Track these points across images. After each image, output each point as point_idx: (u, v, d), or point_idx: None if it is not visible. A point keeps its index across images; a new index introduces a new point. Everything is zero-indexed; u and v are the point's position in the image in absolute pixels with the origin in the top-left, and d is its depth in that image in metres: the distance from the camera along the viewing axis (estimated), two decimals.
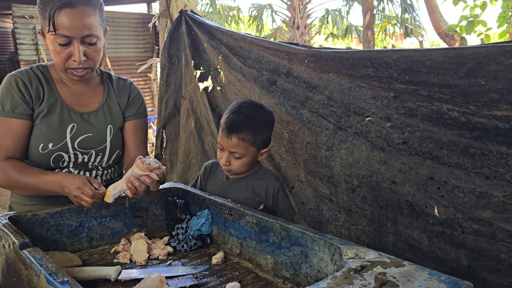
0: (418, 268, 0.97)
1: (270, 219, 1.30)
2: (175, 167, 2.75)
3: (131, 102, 1.62)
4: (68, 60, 1.37)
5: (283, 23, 14.33)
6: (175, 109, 2.71)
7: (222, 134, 1.52)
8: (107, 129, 1.54)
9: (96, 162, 1.52)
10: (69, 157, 1.47)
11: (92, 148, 1.50)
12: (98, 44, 1.39)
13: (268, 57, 2.10)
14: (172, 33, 2.58)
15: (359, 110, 1.73)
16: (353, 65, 1.61)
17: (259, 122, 1.53)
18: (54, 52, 1.36)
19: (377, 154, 1.67)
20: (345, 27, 14.37)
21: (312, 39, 15.10)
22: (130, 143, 1.60)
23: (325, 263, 1.15)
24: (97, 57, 1.41)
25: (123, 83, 1.63)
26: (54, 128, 1.44)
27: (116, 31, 8.42)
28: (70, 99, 1.50)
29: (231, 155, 1.51)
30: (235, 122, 1.49)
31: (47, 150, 1.43)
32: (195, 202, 1.57)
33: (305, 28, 13.69)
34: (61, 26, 1.30)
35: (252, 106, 1.57)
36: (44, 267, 0.96)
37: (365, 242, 1.76)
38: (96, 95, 1.56)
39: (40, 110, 1.44)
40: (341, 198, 1.83)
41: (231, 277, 1.29)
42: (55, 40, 1.33)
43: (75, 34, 1.32)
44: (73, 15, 1.31)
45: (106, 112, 1.55)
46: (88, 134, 1.49)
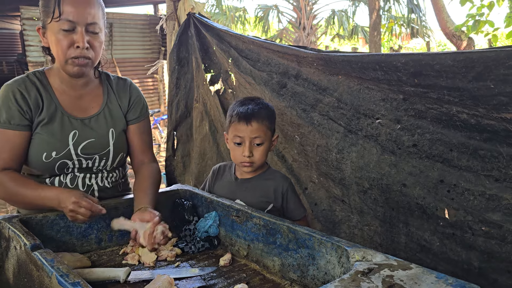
0: (426, 271, 0.98)
1: (278, 221, 1.31)
2: (187, 168, 2.77)
3: (133, 104, 1.60)
4: (70, 48, 1.35)
5: (289, 24, 14.33)
6: (186, 112, 2.72)
7: (239, 125, 1.54)
8: (109, 133, 1.52)
9: (101, 166, 1.52)
10: (73, 164, 1.47)
11: (95, 153, 1.49)
12: (101, 36, 1.40)
13: (277, 60, 2.11)
14: (181, 35, 2.59)
15: (369, 112, 1.73)
16: (362, 69, 1.62)
17: (268, 110, 1.61)
18: (56, 41, 1.34)
19: (388, 157, 1.68)
20: (351, 28, 14.35)
21: (318, 39, 15.08)
22: (136, 146, 1.60)
23: (332, 265, 1.16)
24: (99, 49, 1.41)
25: (122, 83, 1.61)
26: (56, 136, 1.43)
27: (123, 33, 8.47)
28: (70, 105, 1.48)
29: (252, 144, 1.54)
30: (251, 109, 1.54)
31: (51, 159, 1.42)
32: (202, 204, 1.58)
33: (311, 28, 13.69)
34: (67, 11, 1.31)
35: (256, 98, 1.65)
36: (55, 269, 0.97)
37: (378, 243, 1.76)
38: (95, 98, 1.54)
39: (40, 119, 1.42)
40: (353, 200, 1.84)
41: (239, 279, 1.30)
42: (59, 26, 1.33)
43: (80, 19, 1.33)
44: (79, 2, 1.34)
45: (107, 116, 1.54)
46: (90, 140, 1.48)
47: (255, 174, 1.61)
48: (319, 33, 14.86)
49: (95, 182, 1.53)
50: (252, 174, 1.61)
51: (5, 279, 1.25)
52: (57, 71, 1.46)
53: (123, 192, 1.65)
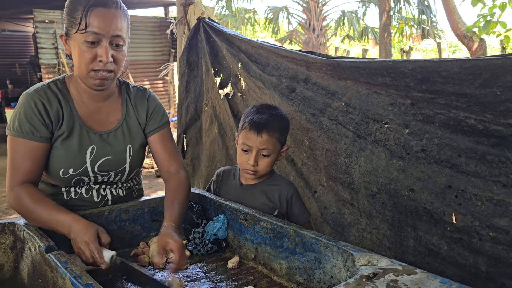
0: (431, 276, 0.99)
1: (285, 225, 1.33)
2: (197, 171, 2.80)
3: (151, 116, 1.56)
4: (94, 61, 1.33)
5: (298, 25, 14.33)
6: (195, 115, 2.75)
7: (249, 133, 1.55)
8: (126, 150, 1.50)
9: (116, 179, 1.53)
10: (89, 179, 1.47)
11: (111, 170, 1.49)
12: (124, 49, 1.38)
13: (287, 64, 2.13)
14: (191, 40, 2.63)
15: (378, 116, 1.74)
16: (370, 74, 1.63)
17: (282, 122, 1.61)
18: (80, 52, 1.32)
19: (396, 162, 1.69)
20: (361, 29, 14.31)
21: (328, 41, 15.06)
22: (160, 156, 1.56)
23: (338, 269, 1.17)
24: (122, 62, 1.39)
25: (141, 95, 1.57)
26: (74, 152, 1.41)
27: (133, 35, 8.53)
28: (88, 117, 1.46)
29: (259, 154, 1.55)
30: (263, 120, 1.55)
31: (68, 175, 1.42)
32: (211, 207, 1.61)
33: (320, 30, 13.68)
34: (93, 24, 1.29)
35: (272, 108, 1.65)
36: (69, 270, 1.01)
37: (387, 246, 1.77)
38: (114, 111, 1.51)
39: (60, 133, 1.40)
40: (362, 204, 1.85)
41: (246, 281, 1.32)
42: (84, 38, 1.30)
43: (105, 32, 1.30)
44: (106, 15, 1.31)
45: (125, 131, 1.51)
46: (107, 157, 1.46)
47: (260, 180, 1.63)
48: (329, 35, 14.85)
49: (109, 192, 1.54)
50: (256, 180, 1.63)
51: (20, 280, 1.29)
52: (77, 80, 1.44)
53: (137, 198, 1.65)
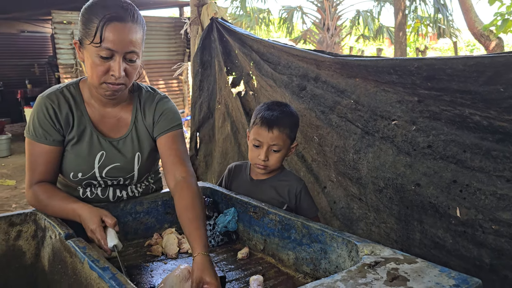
0: (431, 265, 1.03)
1: (292, 217, 1.38)
2: (210, 168, 2.86)
3: (159, 120, 1.51)
4: (106, 75, 1.32)
5: (313, 25, 14.32)
6: (208, 113, 2.82)
7: (260, 129, 1.60)
8: (135, 157, 1.50)
9: (126, 183, 1.56)
10: (99, 183, 1.50)
11: (119, 177, 1.51)
12: (137, 62, 1.36)
13: (297, 63, 2.18)
14: (204, 39, 2.69)
15: (386, 113, 1.78)
16: (378, 72, 1.67)
17: (292, 118, 1.66)
18: (92, 64, 1.30)
19: (403, 158, 1.72)
20: (376, 28, 14.22)
21: (342, 40, 15.01)
22: (167, 159, 1.48)
23: (343, 259, 1.22)
24: (134, 74, 1.38)
25: (151, 100, 1.53)
26: (83, 157, 1.44)
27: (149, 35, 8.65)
28: (100, 122, 1.48)
29: (270, 149, 1.60)
30: (274, 116, 1.60)
31: (77, 179, 1.46)
32: (222, 201, 1.67)
33: (335, 29, 13.63)
34: (107, 39, 1.26)
35: (283, 105, 1.70)
36: (87, 255, 1.07)
37: (394, 239, 1.81)
38: (125, 117, 1.51)
39: (70, 138, 1.44)
40: (370, 198, 1.89)
41: (255, 271, 1.38)
42: (97, 52, 1.28)
43: (119, 48, 1.28)
44: (122, 30, 1.27)
45: (134, 138, 1.50)
46: (116, 164, 1.48)
47: (270, 176, 1.68)
48: (343, 34, 14.80)
49: (125, 193, 1.58)
50: (267, 176, 1.68)
51: (41, 266, 1.36)
52: (90, 85, 1.44)
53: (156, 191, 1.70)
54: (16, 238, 1.35)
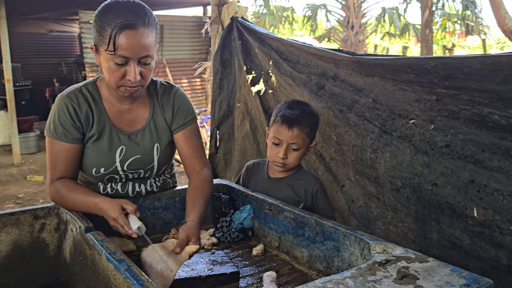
0: (442, 264, 1.03)
1: (306, 215, 1.39)
2: (229, 165, 2.90)
3: (177, 113, 1.58)
4: (123, 79, 1.36)
5: (337, 23, 14.20)
6: (228, 111, 2.85)
7: (281, 127, 1.62)
8: (154, 149, 1.55)
9: (146, 176, 1.61)
10: (120, 177, 1.55)
11: (140, 169, 1.56)
12: (152, 64, 1.39)
13: (316, 62, 2.18)
14: (224, 39, 2.72)
15: (404, 112, 1.77)
16: (395, 71, 1.66)
17: (312, 118, 1.68)
18: (109, 70, 1.35)
19: (421, 158, 1.71)
20: (402, 26, 13.99)
21: (367, 38, 14.84)
22: (185, 153, 1.59)
23: (355, 257, 1.23)
24: (150, 75, 1.42)
25: (168, 93, 1.59)
26: (104, 153, 1.49)
27: (173, 34, 8.78)
28: (118, 119, 1.52)
29: (289, 148, 1.62)
30: (295, 115, 1.62)
31: (99, 174, 1.51)
32: (239, 198, 1.69)
33: (359, 27, 13.49)
34: (121, 47, 1.29)
35: (303, 104, 1.72)
36: (105, 248, 1.12)
37: (412, 239, 1.80)
38: (142, 111, 1.56)
39: (90, 135, 1.48)
40: (387, 197, 1.89)
41: (269, 267, 1.40)
42: (112, 59, 1.32)
43: (133, 55, 1.31)
44: (134, 37, 1.30)
45: (153, 130, 1.55)
46: (136, 156, 1.53)
47: (287, 174, 1.70)
48: (368, 32, 14.62)
49: (144, 188, 1.63)
50: (284, 174, 1.70)
51: (63, 258, 1.42)
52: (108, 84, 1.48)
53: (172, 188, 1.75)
54: (40, 231, 1.41)
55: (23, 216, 1.38)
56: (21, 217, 1.38)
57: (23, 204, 5.03)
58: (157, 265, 1.20)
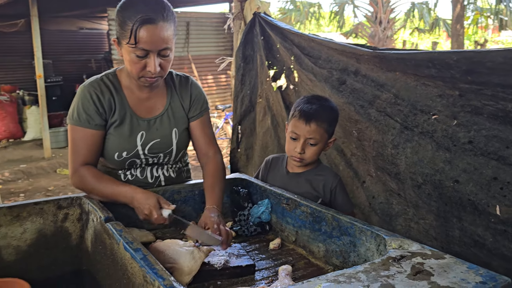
0: (459, 261, 1.01)
1: (323, 209, 1.39)
2: (251, 160, 2.91)
3: (194, 102, 1.67)
4: (143, 70, 1.44)
5: (365, 18, 14.00)
6: (250, 106, 2.86)
7: (298, 122, 1.62)
8: (172, 133, 1.63)
9: (164, 161, 1.67)
10: (141, 161, 1.62)
11: (160, 152, 1.62)
12: (171, 56, 1.47)
13: (338, 57, 2.17)
14: (247, 34, 2.73)
15: (426, 108, 1.74)
16: (416, 66, 1.63)
17: (331, 113, 1.67)
18: (130, 62, 1.43)
19: (442, 154, 1.68)
20: (432, 21, 13.67)
21: (395, 34, 14.56)
22: (199, 140, 1.68)
23: (371, 252, 1.22)
24: (169, 67, 1.50)
25: (184, 82, 1.68)
26: (126, 138, 1.56)
27: (198, 31, 8.85)
28: (138, 106, 1.59)
29: (306, 142, 1.62)
30: (313, 110, 1.61)
31: (122, 158, 1.57)
32: (257, 192, 1.70)
33: (388, 23, 13.25)
34: (142, 41, 1.37)
35: (322, 99, 1.71)
36: (123, 237, 1.15)
37: (433, 236, 1.78)
38: (160, 99, 1.63)
39: (112, 121, 1.55)
40: (409, 194, 1.86)
41: (285, 261, 1.40)
42: (133, 51, 1.40)
43: (153, 48, 1.39)
44: (154, 31, 1.37)
45: (171, 116, 1.63)
46: (156, 140, 1.60)
47: (306, 169, 1.70)
48: (396, 27, 14.35)
49: (161, 173, 1.68)
50: (303, 169, 1.70)
51: (85, 247, 1.46)
52: (128, 73, 1.56)
53: (187, 179, 1.80)
54: (63, 220, 1.46)
55: (47, 206, 1.43)
56: (45, 207, 1.43)
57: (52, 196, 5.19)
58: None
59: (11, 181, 5.89)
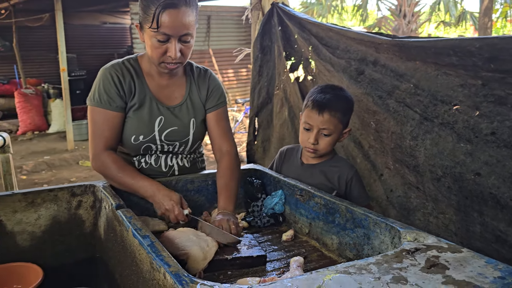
0: (477, 255, 0.97)
1: (337, 201, 1.36)
2: (267, 153, 2.89)
3: (211, 94, 1.67)
4: (164, 55, 1.45)
5: (389, 11, 13.74)
6: (267, 98, 2.84)
7: (311, 112, 1.58)
8: (190, 123, 1.63)
9: (180, 150, 1.67)
10: (157, 147, 1.61)
11: (176, 141, 1.62)
12: (192, 42, 1.47)
13: (356, 46, 2.12)
14: (265, 25, 2.70)
15: (447, 98, 1.68)
16: (437, 54, 1.57)
17: (346, 102, 1.62)
18: (152, 47, 1.44)
19: (463, 146, 1.62)
20: (459, 14, 13.31)
21: (420, 27, 14.25)
22: (215, 133, 1.67)
23: (385, 245, 1.18)
24: (189, 53, 1.50)
25: (203, 75, 1.69)
26: (145, 121, 1.56)
27: (219, 24, 8.87)
28: (158, 92, 1.59)
29: (320, 133, 1.58)
30: (326, 99, 1.57)
31: (138, 142, 1.56)
32: (271, 183, 1.68)
33: (412, 16, 12.98)
34: (164, 25, 1.38)
35: (336, 88, 1.66)
36: (132, 224, 1.14)
37: (453, 231, 1.73)
38: (179, 88, 1.64)
39: (132, 104, 1.55)
40: (427, 187, 1.81)
41: (298, 253, 1.38)
42: (155, 36, 1.41)
43: (175, 33, 1.40)
44: (176, 16, 1.38)
45: (189, 106, 1.63)
46: (174, 128, 1.59)
47: (321, 160, 1.66)
48: (421, 21, 14.04)
49: (175, 162, 1.67)
50: (318, 160, 1.66)
51: (98, 235, 1.47)
52: (149, 59, 1.57)
53: (200, 170, 1.78)
54: (77, 207, 1.47)
55: (61, 193, 1.44)
56: (59, 193, 1.44)
57: None
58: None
59: (35, 172, 6.02)
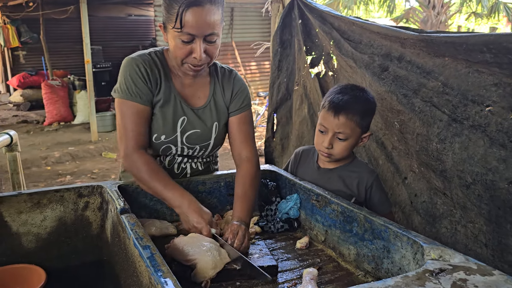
0: (510, 280, 0.86)
1: (355, 209, 1.26)
2: (286, 150, 2.80)
3: (235, 96, 1.58)
4: (188, 56, 1.37)
5: (417, 2, 13.33)
6: (287, 94, 2.74)
7: (327, 114, 1.48)
8: (213, 126, 1.54)
9: (199, 154, 1.59)
10: (176, 150, 1.53)
11: (197, 144, 1.54)
12: (217, 41, 1.38)
13: (380, 41, 2.00)
14: (285, 18, 2.60)
15: (478, 98, 1.56)
16: (468, 51, 1.45)
17: (365, 104, 1.50)
18: (175, 47, 1.36)
19: (496, 151, 1.50)
20: (492, 5, 12.81)
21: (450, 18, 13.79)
22: (236, 138, 1.57)
23: (407, 261, 1.08)
24: (215, 53, 1.41)
25: (228, 76, 1.60)
26: (168, 120, 1.47)
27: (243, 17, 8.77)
28: (182, 91, 1.51)
29: (335, 137, 1.48)
30: (343, 101, 1.46)
31: (159, 141, 1.48)
32: (286, 186, 1.59)
33: (442, 7, 12.56)
34: (188, 25, 1.30)
35: (357, 88, 1.54)
36: (133, 232, 1.08)
37: (483, 242, 1.61)
38: (203, 88, 1.55)
39: (158, 99, 1.47)
40: (455, 194, 1.69)
41: (312, 263, 1.29)
42: (179, 36, 1.33)
43: (199, 33, 1.32)
44: (200, 14, 1.30)
45: (213, 108, 1.55)
46: (196, 130, 1.51)
47: (338, 165, 1.56)
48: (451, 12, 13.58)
49: (189, 166, 1.60)
50: (335, 164, 1.56)
51: (105, 238, 1.42)
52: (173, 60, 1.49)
53: (213, 171, 1.70)
54: (83, 209, 1.42)
55: (67, 193, 1.39)
56: (65, 194, 1.39)
57: (97, 179, 5.32)
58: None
59: (59, 163, 6.10)
